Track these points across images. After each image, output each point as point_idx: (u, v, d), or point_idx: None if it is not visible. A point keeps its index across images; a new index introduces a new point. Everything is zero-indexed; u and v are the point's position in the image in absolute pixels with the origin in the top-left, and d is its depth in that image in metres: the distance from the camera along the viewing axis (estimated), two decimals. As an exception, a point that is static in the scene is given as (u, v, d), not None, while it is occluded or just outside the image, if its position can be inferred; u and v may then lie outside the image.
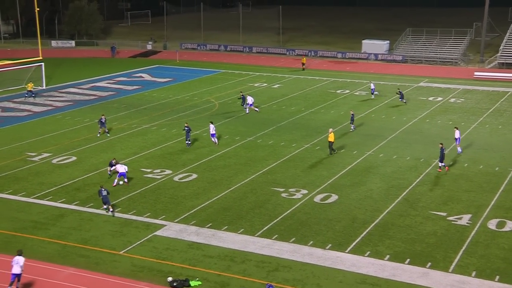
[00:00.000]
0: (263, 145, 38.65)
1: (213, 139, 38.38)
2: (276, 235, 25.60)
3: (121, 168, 31.26)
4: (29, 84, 51.79)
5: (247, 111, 46.42)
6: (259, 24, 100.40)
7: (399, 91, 50.85)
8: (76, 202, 28.87)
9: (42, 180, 31.68)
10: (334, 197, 29.88)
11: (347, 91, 56.15)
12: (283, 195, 30.14)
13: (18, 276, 20.92)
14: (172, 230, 26.02)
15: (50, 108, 48.28)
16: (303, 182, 31.88)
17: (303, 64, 68.13)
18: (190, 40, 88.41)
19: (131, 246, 24.51)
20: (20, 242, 24.65)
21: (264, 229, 26.20)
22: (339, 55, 77.71)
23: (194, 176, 32.75)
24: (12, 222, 26.55)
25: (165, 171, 33.45)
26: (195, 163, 34.88)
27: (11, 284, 20.94)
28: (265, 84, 59.02)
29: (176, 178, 32.35)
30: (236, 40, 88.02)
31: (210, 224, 26.63)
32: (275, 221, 27.04)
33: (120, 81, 60.33)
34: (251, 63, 72.95)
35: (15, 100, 50.72)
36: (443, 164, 33.68)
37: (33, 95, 51.33)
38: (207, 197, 29.76)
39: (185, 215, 27.57)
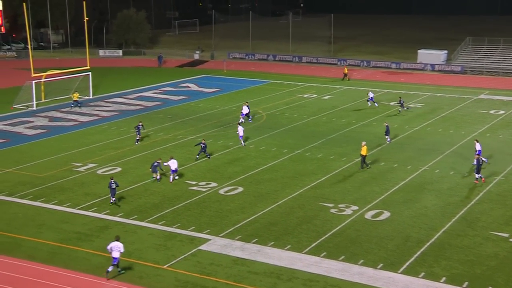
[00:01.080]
0: (312, 158, 38.50)
1: (241, 141, 40.22)
2: (325, 253, 25.39)
3: (174, 165, 33.59)
4: (74, 94, 53.34)
5: (242, 120, 46.70)
6: (310, 33, 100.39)
7: (400, 100, 51.33)
8: (120, 214, 29.44)
9: (87, 191, 32.48)
10: (386, 214, 29.43)
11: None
12: (332, 210, 29.90)
13: (117, 259, 23.31)
14: (216, 244, 26.17)
15: (96, 118, 49.56)
16: (353, 198, 31.56)
17: (345, 74, 67.80)
18: (238, 49, 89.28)
19: (175, 260, 24.76)
20: (65, 253, 25.30)
21: (312, 246, 26.03)
22: (393, 66, 76.87)
23: (240, 189, 32.90)
24: (57, 233, 27.28)
25: (210, 183, 33.74)
26: (241, 176, 35.04)
27: (114, 266, 23.34)
28: (315, 95, 58.89)
29: (221, 191, 32.57)
30: (285, 49, 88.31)
31: (256, 239, 26.65)
32: (324, 237, 26.83)
33: (166, 91, 61.40)
34: (300, 73, 72.97)
35: (62, 109, 52.29)
36: (480, 175, 33.38)
37: (78, 104, 52.83)
38: (253, 211, 29.82)
39: (230, 229, 27.70)
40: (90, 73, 58.04)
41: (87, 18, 59.70)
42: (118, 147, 40.73)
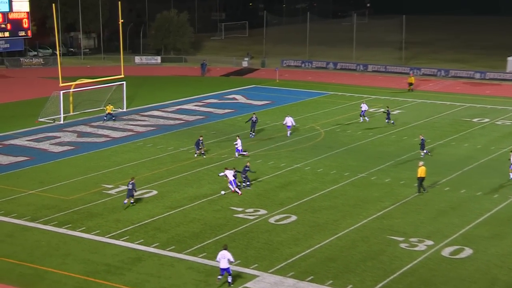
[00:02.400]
0: (378, 183, 38.14)
1: (245, 153, 43.13)
2: (393, 295, 25.02)
3: (230, 175, 35.96)
4: (108, 107, 54.55)
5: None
6: (377, 37, 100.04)
7: (387, 110, 52.12)
8: (155, 244, 29.77)
9: (118, 217, 33.02)
10: (467, 251, 28.82)
11: (487, 119, 54.37)
12: (402, 245, 29.48)
13: (226, 270, 25.11)
14: (265, 282, 26.12)
15: (130, 133, 50.51)
16: (427, 231, 31.05)
17: (410, 84, 67.37)
18: (293, 56, 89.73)
19: (217, 299, 24.86)
20: None
21: (378, 286, 25.71)
22: (477, 75, 75.93)
23: (294, 218, 32.83)
24: (84, 265, 27.76)
25: (259, 210, 33.80)
26: (294, 202, 34.99)
27: (222, 276, 25.18)
28: (382, 110, 58.38)
29: (271, 220, 32.57)
30: (348, 56, 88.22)
31: (312, 277, 26.49)
32: (392, 277, 26.45)
33: (210, 103, 62.14)
34: (365, 84, 72.70)
35: (92, 124, 53.55)
36: None
37: (113, 118, 53.99)
38: (309, 244, 29.68)
39: (282, 264, 27.62)
40: (124, 82, 59.29)
41: (122, 21, 61.00)
42: (154, 168, 41.34)
